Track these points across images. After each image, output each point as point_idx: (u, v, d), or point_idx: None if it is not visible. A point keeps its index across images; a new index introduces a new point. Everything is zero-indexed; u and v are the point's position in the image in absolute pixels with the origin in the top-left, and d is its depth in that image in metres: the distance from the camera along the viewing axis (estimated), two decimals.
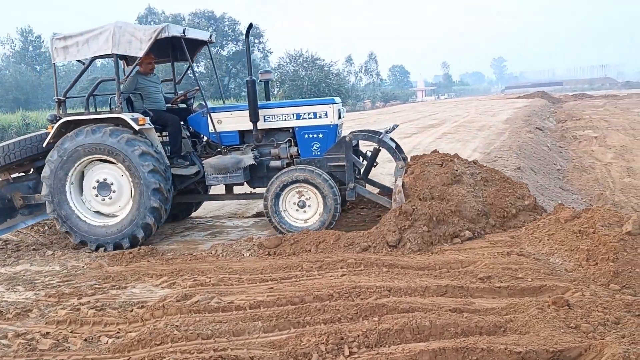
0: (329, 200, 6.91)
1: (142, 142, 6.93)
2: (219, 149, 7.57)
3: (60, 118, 7.12)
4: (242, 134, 7.60)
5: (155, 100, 7.88)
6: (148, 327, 4.32)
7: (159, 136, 7.49)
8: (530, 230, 6.09)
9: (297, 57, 58.56)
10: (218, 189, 8.22)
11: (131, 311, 4.78)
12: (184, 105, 8.38)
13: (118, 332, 4.38)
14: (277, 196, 7.03)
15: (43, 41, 72.02)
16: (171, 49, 8.27)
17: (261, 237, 6.83)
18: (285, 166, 7.38)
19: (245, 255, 6.36)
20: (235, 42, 63.05)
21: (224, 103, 8.34)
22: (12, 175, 7.85)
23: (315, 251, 6.17)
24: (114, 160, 6.95)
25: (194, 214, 9.01)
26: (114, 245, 6.97)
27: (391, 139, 7.76)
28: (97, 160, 7.10)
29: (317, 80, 54.97)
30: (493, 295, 4.58)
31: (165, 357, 3.79)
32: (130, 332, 4.35)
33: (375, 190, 8.05)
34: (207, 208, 9.40)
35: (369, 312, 4.23)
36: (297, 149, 7.51)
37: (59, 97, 7.29)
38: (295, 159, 7.44)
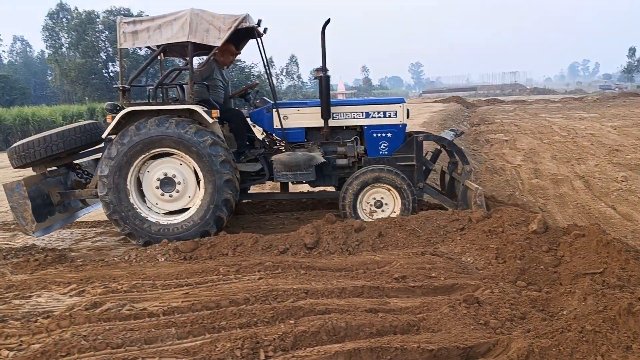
0: (406, 200, 6.85)
1: (210, 133, 6.56)
2: (276, 146, 7.40)
3: (121, 107, 6.65)
4: (308, 131, 7.37)
5: (219, 94, 7.56)
6: (53, 337, 4.09)
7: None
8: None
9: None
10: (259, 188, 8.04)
11: (35, 322, 4.52)
12: (244, 100, 8.10)
13: (20, 345, 4.13)
14: (356, 196, 6.89)
15: None
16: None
17: (177, 241, 6.65)
18: (351, 165, 7.30)
19: (160, 260, 6.17)
20: None
21: (274, 100, 8.05)
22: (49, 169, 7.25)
23: (233, 255, 6.08)
24: (181, 154, 6.58)
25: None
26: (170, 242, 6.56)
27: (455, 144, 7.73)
28: (155, 155, 6.70)
29: (237, 81, 54.51)
30: (408, 295, 4.66)
31: None
32: (33, 343, 4.10)
33: None
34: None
35: (286, 315, 4.20)
36: (364, 148, 7.41)
37: (124, 85, 6.82)
38: (362, 158, 7.33)
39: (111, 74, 60.56)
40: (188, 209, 6.85)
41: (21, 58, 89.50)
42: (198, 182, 6.78)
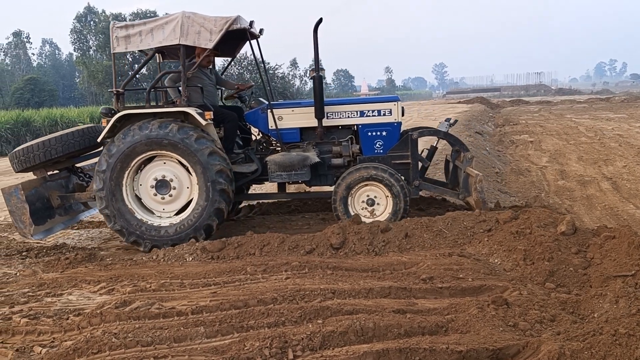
0: (398, 198, 6.84)
1: (193, 128, 6.65)
2: (272, 147, 7.46)
3: (116, 111, 6.76)
4: (302, 131, 7.42)
5: (211, 95, 7.64)
6: (85, 335, 4.15)
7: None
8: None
9: (241, 60, 58.15)
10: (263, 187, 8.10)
11: (67, 319, 4.60)
12: (239, 102, 8.19)
13: (53, 342, 4.21)
14: (347, 194, 6.91)
15: None
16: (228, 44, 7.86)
17: (204, 241, 6.71)
18: (346, 164, 7.32)
19: (187, 259, 6.24)
20: None
21: (269, 101, 8.20)
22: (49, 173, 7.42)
23: (260, 254, 6.11)
24: (169, 154, 6.68)
25: None
26: (172, 244, 6.70)
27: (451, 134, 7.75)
28: (153, 157, 6.80)
29: (261, 83, 54.69)
30: (435, 296, 4.64)
31: None
32: (65, 341, 4.18)
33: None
34: None
35: (313, 315, 4.21)
36: (359, 147, 7.44)
37: (118, 90, 6.97)
38: (357, 157, 7.36)
39: (137, 76, 61.14)
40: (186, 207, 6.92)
41: (50, 60, 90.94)
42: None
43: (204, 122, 6.70)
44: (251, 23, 7.14)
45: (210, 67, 7.85)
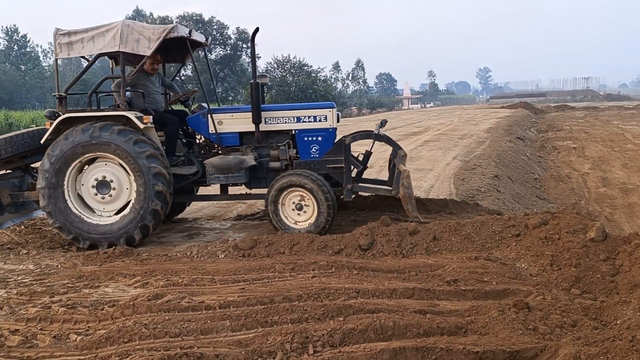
0: (322, 204, 7.03)
1: (134, 132, 6.92)
2: (214, 150, 7.67)
3: (60, 114, 7.05)
4: (242, 135, 7.68)
5: (155, 100, 7.92)
6: (117, 325, 4.36)
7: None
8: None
9: (284, 63, 58.69)
10: (209, 189, 8.29)
11: (102, 310, 4.82)
12: (180, 106, 8.44)
13: (87, 330, 4.42)
14: (277, 198, 7.14)
15: (28, 41, 71.82)
16: (164, 49, 8.15)
17: (237, 239, 6.89)
18: (284, 167, 7.53)
19: (220, 256, 6.42)
20: (223, 47, 63.08)
21: (218, 105, 8.46)
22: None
23: (289, 253, 6.25)
24: (110, 155, 6.93)
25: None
26: (126, 239, 6.98)
27: (383, 134, 7.94)
28: (89, 160, 7.07)
29: (304, 86, 55.12)
30: (458, 298, 4.69)
31: (132, 355, 3.83)
32: (99, 329, 4.39)
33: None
34: (185, 210, 9.43)
35: (336, 313, 4.31)
36: (296, 151, 7.65)
37: (60, 94, 7.23)
38: (294, 161, 7.58)
39: (182, 78, 62.30)
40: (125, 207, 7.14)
41: (99, 62, 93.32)
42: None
43: (142, 126, 6.96)
44: (190, 32, 7.43)
45: (155, 74, 8.11)
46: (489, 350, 3.58)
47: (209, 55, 61.50)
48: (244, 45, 63.98)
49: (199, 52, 8.46)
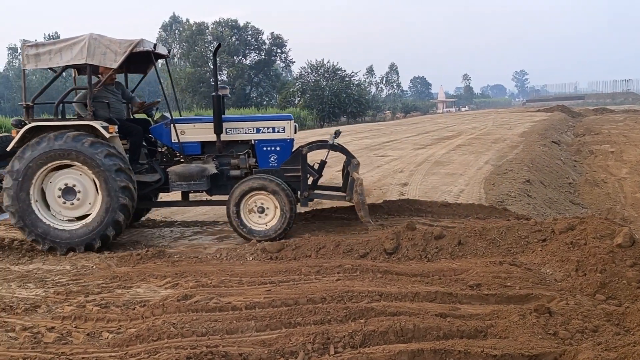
0: (285, 206, 7.32)
1: (105, 145, 7.16)
2: (176, 158, 7.98)
3: (26, 123, 7.28)
4: (204, 144, 7.99)
5: (117, 109, 8.23)
6: (147, 324, 4.53)
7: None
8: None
9: (318, 67, 58.97)
10: (173, 196, 8.55)
11: (133, 309, 5.00)
12: (143, 116, 8.77)
13: (119, 328, 4.60)
14: (239, 202, 7.40)
15: None
16: (126, 61, 8.27)
17: (265, 242, 7.03)
18: (244, 176, 7.80)
19: (248, 259, 6.57)
20: (257, 52, 63.74)
21: (180, 115, 9.02)
22: None
23: (315, 256, 6.36)
24: (79, 165, 7.13)
25: (191, 218, 9.25)
26: (85, 246, 7.17)
27: (338, 144, 8.27)
28: (58, 166, 7.25)
29: (337, 90, 55.27)
30: (480, 302, 4.73)
31: (160, 352, 3.99)
32: (130, 328, 4.56)
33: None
34: (217, 214, 9.63)
35: (358, 315, 4.40)
36: (256, 160, 7.97)
37: (27, 103, 7.44)
38: (253, 169, 7.89)
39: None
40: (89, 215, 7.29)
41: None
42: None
43: (107, 135, 7.19)
44: (155, 45, 7.73)
45: (114, 84, 8.37)
46: (507, 354, 3.63)
47: (244, 60, 62.38)
48: (278, 50, 64.53)
49: (161, 62, 8.82)
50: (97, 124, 7.20)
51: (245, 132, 7.94)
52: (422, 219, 7.95)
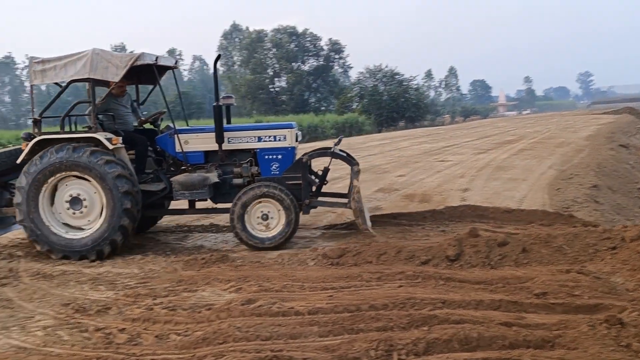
0: (289, 210, 7.43)
1: (105, 153, 7.38)
2: (183, 167, 8.11)
3: (35, 136, 7.57)
4: (207, 153, 8.12)
5: (125, 121, 8.46)
6: (213, 327, 4.64)
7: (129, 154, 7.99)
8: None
9: (376, 72, 58.88)
10: (180, 204, 8.64)
11: (199, 312, 5.13)
12: (150, 126, 8.98)
13: (186, 331, 4.73)
14: (243, 211, 7.51)
15: None
16: (137, 73, 8.62)
17: (326, 247, 7.08)
18: (246, 184, 7.91)
19: (309, 264, 6.63)
20: (315, 58, 64.21)
21: (187, 124, 9.34)
22: None
23: (376, 263, 6.35)
24: (82, 175, 7.42)
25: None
26: (96, 253, 7.39)
27: (341, 150, 8.45)
28: (65, 178, 7.52)
29: (395, 95, 55.03)
30: (546, 311, 4.62)
31: (226, 355, 4.08)
32: (197, 331, 4.68)
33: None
34: None
35: (421, 322, 4.37)
36: (258, 169, 8.08)
37: (35, 117, 7.77)
38: (255, 178, 7.99)
39: (276, 89, 64.14)
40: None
41: (199, 75, 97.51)
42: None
43: (111, 147, 7.42)
44: (157, 58, 7.94)
45: (125, 95, 8.58)
46: None
47: (302, 66, 62.95)
48: (337, 56, 64.78)
49: (171, 73, 9.07)
50: (100, 136, 7.44)
51: (247, 141, 8.08)
52: (484, 225, 7.81)
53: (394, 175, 15.27)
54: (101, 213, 7.49)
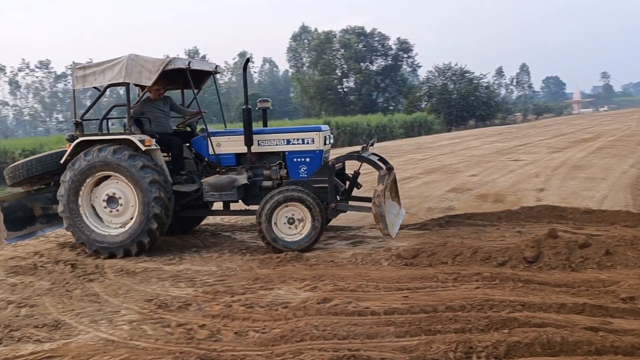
0: (316, 218, 7.43)
1: (143, 157, 7.68)
2: (217, 169, 8.23)
3: (77, 138, 8.00)
4: (239, 156, 8.25)
5: (161, 124, 8.65)
6: (290, 325, 4.71)
7: (165, 156, 8.31)
8: None
9: (445, 71, 58.09)
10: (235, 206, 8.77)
11: (276, 310, 5.22)
12: (189, 129, 9.20)
13: (264, 328, 4.83)
14: (271, 212, 7.54)
15: (208, 61, 78.40)
16: (182, 78, 8.92)
17: (400, 247, 7.05)
18: (275, 186, 7.97)
19: (383, 264, 6.62)
20: (384, 57, 63.96)
21: (225, 127, 9.53)
22: (34, 188, 8.87)
23: (452, 264, 6.28)
24: (119, 175, 7.77)
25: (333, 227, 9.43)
26: (124, 251, 7.73)
27: (373, 153, 8.46)
28: (106, 176, 7.92)
29: (465, 93, 54.11)
30: (635, 317, 4.44)
31: (304, 353, 4.14)
32: (274, 328, 4.77)
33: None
34: (349, 219, 9.80)
35: (500, 325, 4.30)
36: (287, 171, 8.11)
37: (77, 120, 8.24)
38: (284, 180, 8.04)
39: (345, 89, 64.31)
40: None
41: (268, 77, 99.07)
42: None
43: (143, 148, 7.70)
44: (189, 63, 8.22)
45: (162, 99, 8.75)
46: None
47: (370, 66, 62.86)
48: (405, 55, 64.31)
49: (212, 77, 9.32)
50: (133, 138, 7.75)
51: (276, 144, 8.13)
52: (563, 226, 7.58)
53: (465, 174, 15.03)
54: (133, 214, 7.86)
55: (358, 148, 9.04)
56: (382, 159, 8.43)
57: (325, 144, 8.17)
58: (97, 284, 6.61)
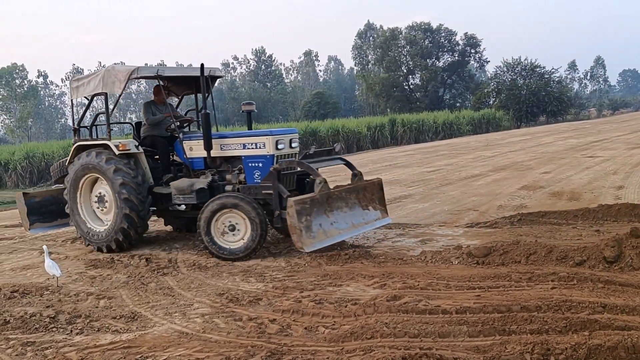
0: (255, 225, 7.28)
1: (116, 161, 8.07)
2: (196, 173, 8.36)
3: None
4: (206, 160, 8.28)
5: (161, 127, 8.97)
6: (360, 322, 4.69)
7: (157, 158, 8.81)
8: None
9: (514, 66, 56.57)
10: None
11: (345, 307, 5.21)
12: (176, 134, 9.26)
13: (334, 324, 4.83)
14: (210, 219, 7.48)
15: (274, 60, 79.38)
16: (194, 83, 9.33)
17: (470, 246, 6.90)
18: (236, 190, 7.92)
19: (453, 262, 6.50)
20: (450, 53, 62.95)
21: (217, 130, 9.57)
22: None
23: (525, 263, 6.10)
24: (102, 177, 8.27)
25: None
26: (106, 247, 8.29)
27: (340, 158, 8.37)
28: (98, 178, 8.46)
29: (536, 88, 52.54)
30: None
31: (374, 350, 4.11)
32: (344, 325, 4.76)
33: None
34: (418, 216, 9.68)
35: (579, 327, 4.13)
36: (244, 176, 8.09)
37: (75, 127, 9.03)
38: (240, 185, 7.98)
39: (411, 87, 63.71)
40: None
41: (334, 75, 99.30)
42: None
43: (117, 152, 8.12)
44: (157, 70, 8.56)
45: (164, 104, 9.05)
46: None
47: (437, 62, 62.04)
48: (472, 51, 63.10)
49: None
50: (110, 143, 8.23)
51: (235, 148, 8.15)
52: None
53: (538, 172, 14.58)
54: (113, 213, 8.31)
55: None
56: (349, 164, 8.26)
57: (277, 148, 7.85)
58: (170, 277, 6.80)
